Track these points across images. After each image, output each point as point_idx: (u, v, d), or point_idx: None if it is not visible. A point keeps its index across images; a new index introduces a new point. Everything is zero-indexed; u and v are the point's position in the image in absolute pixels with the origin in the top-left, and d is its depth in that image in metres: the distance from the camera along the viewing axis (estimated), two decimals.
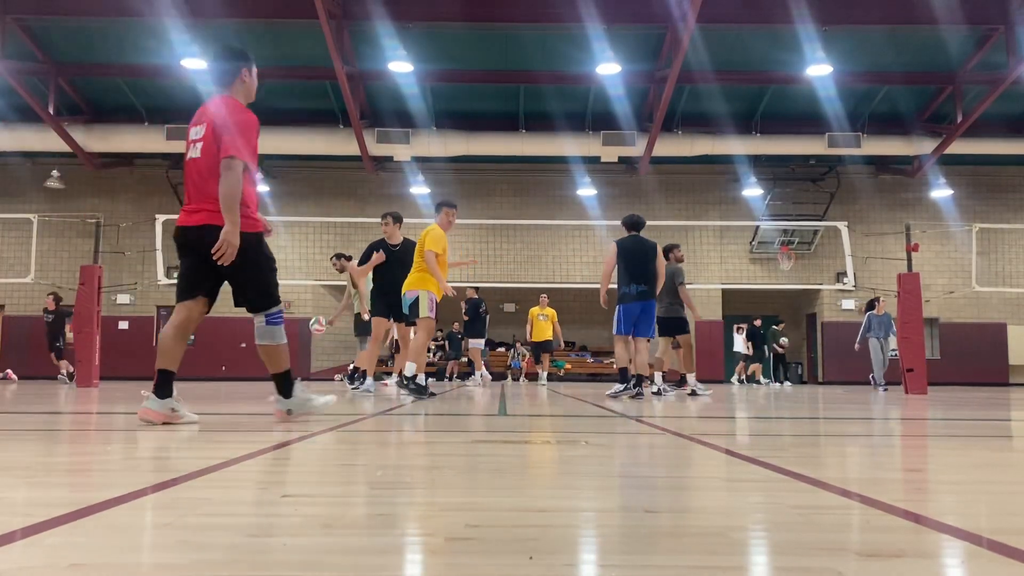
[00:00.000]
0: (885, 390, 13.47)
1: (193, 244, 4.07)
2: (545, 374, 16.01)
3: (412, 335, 8.06)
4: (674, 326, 9.87)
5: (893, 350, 13.99)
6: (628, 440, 3.58)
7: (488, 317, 15.70)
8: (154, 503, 1.77)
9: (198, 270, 4.12)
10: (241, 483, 2.12)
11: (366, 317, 9.78)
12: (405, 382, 7.42)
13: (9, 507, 1.73)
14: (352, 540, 1.41)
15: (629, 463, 2.71)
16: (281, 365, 4.25)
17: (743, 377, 19.55)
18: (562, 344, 18.90)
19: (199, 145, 4.08)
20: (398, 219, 9.00)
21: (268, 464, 2.52)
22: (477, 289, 15.57)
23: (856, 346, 14.83)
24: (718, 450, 3.11)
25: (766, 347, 19.69)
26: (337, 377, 18.21)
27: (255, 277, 4.16)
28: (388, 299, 8.63)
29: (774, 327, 20.01)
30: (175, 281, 4.45)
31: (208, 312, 4.26)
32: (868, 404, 7.90)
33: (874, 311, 14.68)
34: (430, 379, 9.33)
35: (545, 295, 16.37)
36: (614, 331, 8.92)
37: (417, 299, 7.43)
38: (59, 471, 2.36)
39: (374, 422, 4.43)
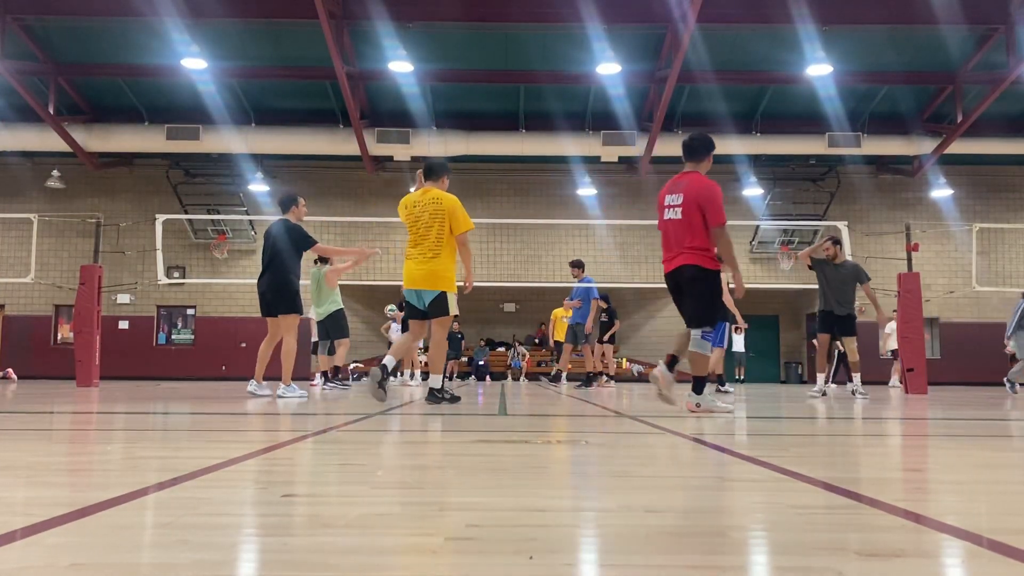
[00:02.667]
0: None
1: (675, 280, 5.37)
2: (564, 373, 16.06)
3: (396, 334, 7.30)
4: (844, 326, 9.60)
5: None
6: (628, 440, 3.58)
7: None
8: (154, 503, 1.77)
9: (682, 302, 5.43)
10: (241, 483, 2.12)
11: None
12: (438, 394, 6.19)
13: (9, 507, 1.73)
14: (352, 540, 1.41)
15: (629, 463, 2.71)
16: (699, 370, 5.38)
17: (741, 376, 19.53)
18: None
19: (678, 209, 5.33)
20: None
21: (268, 464, 2.51)
22: None
23: (1006, 340, 12.37)
24: (718, 450, 3.11)
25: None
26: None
27: (699, 304, 5.32)
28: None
29: None
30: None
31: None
32: (878, 404, 7.89)
33: None
34: (426, 379, 8.87)
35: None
36: None
37: (442, 296, 6.12)
38: (59, 471, 2.36)
39: (373, 422, 4.43)
